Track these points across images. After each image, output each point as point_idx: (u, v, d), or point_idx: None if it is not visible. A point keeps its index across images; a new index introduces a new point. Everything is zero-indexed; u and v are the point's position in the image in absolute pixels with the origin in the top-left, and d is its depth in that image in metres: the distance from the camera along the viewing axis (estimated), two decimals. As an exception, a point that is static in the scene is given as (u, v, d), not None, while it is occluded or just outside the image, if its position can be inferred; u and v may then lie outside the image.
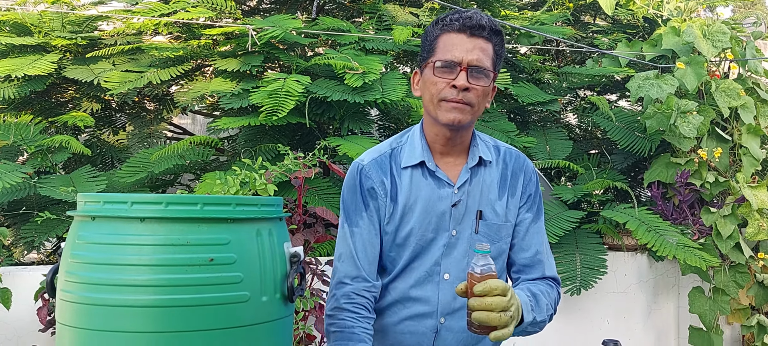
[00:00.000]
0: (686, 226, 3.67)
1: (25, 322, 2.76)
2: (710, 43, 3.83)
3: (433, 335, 1.49)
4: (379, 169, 1.50)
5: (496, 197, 1.51)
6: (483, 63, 1.41)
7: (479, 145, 1.52)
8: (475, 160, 1.50)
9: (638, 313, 3.76)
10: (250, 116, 3.24)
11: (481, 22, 1.42)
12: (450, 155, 1.51)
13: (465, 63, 1.40)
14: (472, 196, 1.49)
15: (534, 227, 1.54)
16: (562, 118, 4.75)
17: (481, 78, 1.42)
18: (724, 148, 3.83)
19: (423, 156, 1.49)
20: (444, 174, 1.49)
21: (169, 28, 3.88)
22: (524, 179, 1.55)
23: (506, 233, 1.51)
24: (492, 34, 1.43)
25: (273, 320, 1.23)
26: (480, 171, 1.51)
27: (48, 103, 3.85)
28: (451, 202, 1.48)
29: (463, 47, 1.41)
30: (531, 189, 1.55)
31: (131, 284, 1.11)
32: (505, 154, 1.56)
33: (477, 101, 1.43)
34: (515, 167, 1.55)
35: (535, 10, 4.95)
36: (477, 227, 1.48)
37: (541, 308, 1.42)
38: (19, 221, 3.37)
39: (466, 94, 1.41)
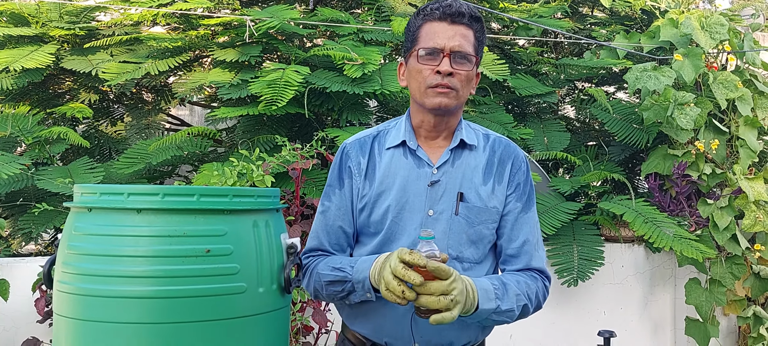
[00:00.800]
0: (683, 217, 3.68)
1: (23, 313, 2.76)
2: (708, 35, 3.83)
3: (410, 317, 1.50)
4: (359, 150, 1.56)
5: (481, 181, 1.52)
6: (465, 48, 1.46)
7: (463, 130, 1.55)
8: (456, 141, 1.53)
9: (635, 304, 3.78)
10: (249, 106, 3.24)
11: (461, 9, 1.47)
12: (435, 139, 1.55)
13: (448, 49, 1.45)
14: (453, 177, 1.51)
15: (523, 218, 1.54)
16: (559, 110, 4.75)
17: (464, 63, 1.47)
18: (722, 139, 3.83)
19: (405, 136, 1.54)
20: (424, 153, 1.53)
21: (167, 18, 3.87)
22: (513, 167, 1.56)
23: (488, 217, 1.51)
24: (472, 21, 1.48)
25: (269, 311, 1.24)
26: (463, 154, 1.54)
27: (45, 94, 3.84)
28: (428, 181, 1.50)
29: (445, 34, 1.46)
30: (520, 178, 1.56)
31: (128, 275, 1.12)
32: (495, 142, 1.58)
33: (461, 86, 1.48)
34: (504, 155, 1.56)
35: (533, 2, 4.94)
36: (457, 208, 1.50)
37: (510, 298, 1.42)
38: (16, 212, 3.37)
39: (450, 79, 1.46)
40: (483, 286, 1.39)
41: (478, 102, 3.96)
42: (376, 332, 1.52)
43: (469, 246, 1.50)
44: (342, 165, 1.57)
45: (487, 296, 1.38)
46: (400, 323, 1.50)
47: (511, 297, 1.43)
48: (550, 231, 3.39)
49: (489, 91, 4.04)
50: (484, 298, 1.38)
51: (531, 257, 1.54)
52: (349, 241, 1.55)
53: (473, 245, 1.50)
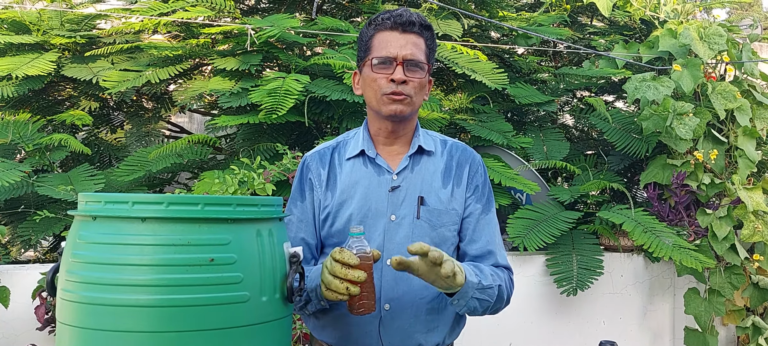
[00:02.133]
0: (682, 227, 3.69)
1: (23, 320, 2.76)
2: (707, 46, 3.85)
3: (377, 323, 1.51)
4: (319, 162, 1.60)
5: (440, 185, 1.56)
6: (417, 56, 1.50)
7: (420, 136, 1.59)
8: (414, 148, 1.57)
9: (634, 314, 3.78)
10: (249, 115, 3.25)
11: (411, 18, 1.51)
12: (393, 146, 1.58)
13: (400, 57, 1.49)
14: (413, 183, 1.55)
15: (484, 219, 1.58)
16: (559, 119, 4.77)
17: (416, 71, 1.50)
18: (720, 150, 3.85)
19: (363, 145, 1.57)
20: (384, 161, 1.56)
21: (168, 27, 3.88)
22: (470, 170, 1.59)
23: (449, 219, 1.54)
24: (423, 29, 1.52)
25: (272, 321, 1.24)
26: (421, 160, 1.58)
27: (46, 101, 3.85)
28: (389, 187, 1.53)
29: (396, 43, 1.50)
30: (478, 180, 1.60)
31: (132, 283, 1.12)
32: (451, 147, 1.63)
33: (414, 93, 1.51)
34: (461, 159, 1.60)
35: (532, 12, 4.97)
36: (418, 212, 1.52)
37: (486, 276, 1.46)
38: (16, 219, 3.37)
39: (404, 86, 1.50)
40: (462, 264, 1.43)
41: (478, 110, 3.97)
42: (343, 340, 1.54)
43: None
44: (303, 177, 1.60)
45: (469, 271, 1.42)
46: (367, 330, 1.51)
47: (487, 275, 1.47)
48: (549, 240, 3.40)
49: (488, 100, 4.05)
50: (469, 272, 1.41)
51: (496, 255, 1.57)
52: (313, 252, 1.58)
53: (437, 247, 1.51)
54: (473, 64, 3.68)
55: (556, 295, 3.50)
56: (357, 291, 1.30)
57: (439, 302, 1.53)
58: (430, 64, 1.55)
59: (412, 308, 1.51)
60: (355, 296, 1.32)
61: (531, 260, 3.53)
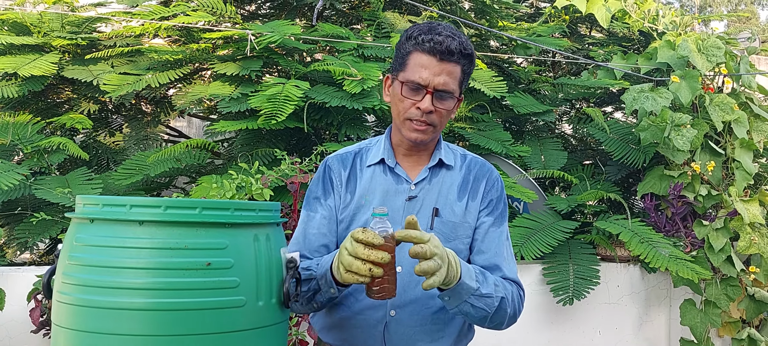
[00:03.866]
0: (679, 238, 3.70)
1: (17, 323, 2.75)
2: (705, 58, 3.87)
3: (382, 327, 1.51)
4: (340, 164, 1.60)
5: (456, 198, 1.56)
6: (449, 86, 1.47)
7: (442, 150, 1.59)
8: (434, 161, 1.57)
9: (630, 324, 3.78)
10: (248, 120, 3.25)
11: (451, 47, 1.45)
12: (412, 157, 1.59)
13: (431, 86, 1.46)
14: (430, 194, 1.55)
15: (494, 232, 1.56)
16: (557, 129, 4.78)
17: (445, 101, 1.48)
18: (717, 161, 3.86)
19: (384, 154, 1.57)
20: (403, 171, 1.57)
21: (169, 31, 3.89)
22: (486, 184, 1.59)
23: (463, 232, 1.54)
24: (461, 58, 1.48)
25: (268, 326, 1.24)
26: (440, 173, 1.58)
27: (45, 103, 3.85)
28: (406, 196, 1.54)
29: (431, 71, 1.46)
30: (493, 195, 1.59)
31: (128, 286, 1.12)
32: (471, 161, 1.63)
33: (439, 121, 1.51)
34: (479, 173, 1.60)
35: (531, 22, 4.99)
36: (432, 223, 1.53)
37: (489, 284, 1.44)
38: (12, 220, 3.36)
39: (429, 116, 1.48)
40: (467, 266, 1.41)
41: (476, 119, 3.98)
42: (347, 342, 1.54)
43: None
44: (325, 178, 1.60)
45: (469, 275, 1.40)
46: (371, 334, 1.51)
47: (489, 284, 1.44)
48: (546, 249, 3.40)
49: (487, 109, 4.06)
50: (467, 274, 1.39)
51: (503, 269, 1.54)
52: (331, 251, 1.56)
53: None
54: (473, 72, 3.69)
55: (553, 304, 3.50)
56: (380, 272, 1.26)
57: (445, 312, 1.53)
58: (462, 88, 1.53)
59: (417, 316, 1.51)
60: (376, 280, 1.27)
61: (528, 269, 3.53)
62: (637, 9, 4.51)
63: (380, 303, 1.50)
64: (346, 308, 1.53)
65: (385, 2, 4.19)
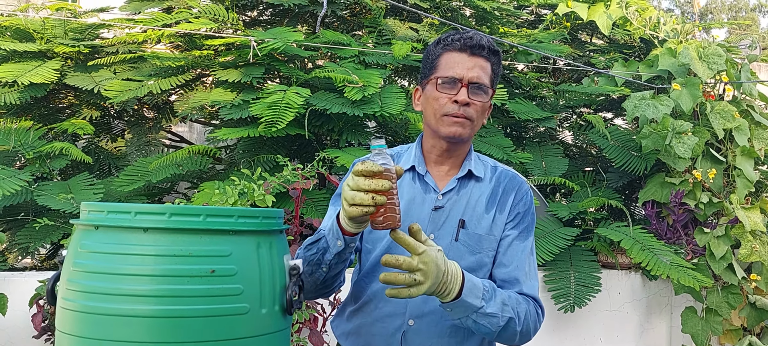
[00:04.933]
0: (680, 246, 3.70)
1: (19, 328, 2.75)
2: (706, 65, 3.88)
3: (399, 336, 1.50)
4: None
5: (483, 210, 1.55)
6: (482, 80, 1.50)
7: (472, 161, 1.59)
8: (464, 171, 1.56)
9: (631, 332, 3.78)
10: (250, 127, 3.26)
11: (481, 42, 1.50)
12: (443, 165, 1.58)
13: (466, 80, 1.49)
14: (457, 205, 1.54)
15: (517, 245, 1.55)
16: (558, 136, 4.78)
17: (480, 94, 1.50)
18: (719, 169, 3.86)
19: (415, 162, 1.57)
20: (432, 180, 1.56)
21: (171, 38, 3.90)
22: (515, 197, 1.58)
23: (489, 245, 1.53)
24: (491, 54, 1.52)
25: (271, 333, 1.24)
26: (469, 184, 1.57)
27: (47, 109, 3.86)
28: (433, 206, 1.53)
29: (464, 65, 1.50)
30: (520, 208, 1.58)
31: (133, 293, 1.12)
32: (501, 174, 1.61)
33: (476, 116, 1.52)
34: (508, 186, 1.59)
35: (532, 29, 5.00)
36: (457, 235, 1.52)
37: (496, 303, 1.41)
38: (14, 226, 3.37)
39: (466, 109, 1.49)
40: (473, 281, 1.39)
41: (478, 126, 3.98)
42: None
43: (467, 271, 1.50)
44: None
45: (473, 292, 1.38)
46: (389, 342, 1.51)
47: (497, 303, 1.42)
48: (547, 256, 3.40)
49: (488, 116, 4.07)
50: (471, 292, 1.38)
51: (522, 284, 1.52)
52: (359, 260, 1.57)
53: (472, 272, 1.50)
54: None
55: (554, 311, 3.49)
56: (383, 200, 1.26)
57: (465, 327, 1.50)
58: (494, 88, 1.55)
59: (436, 328, 1.51)
60: (380, 209, 1.28)
61: (529, 276, 3.53)
62: (638, 16, 4.52)
63: (399, 312, 1.50)
64: (366, 315, 1.53)
65: (386, 9, 4.21)
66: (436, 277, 1.32)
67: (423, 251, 1.30)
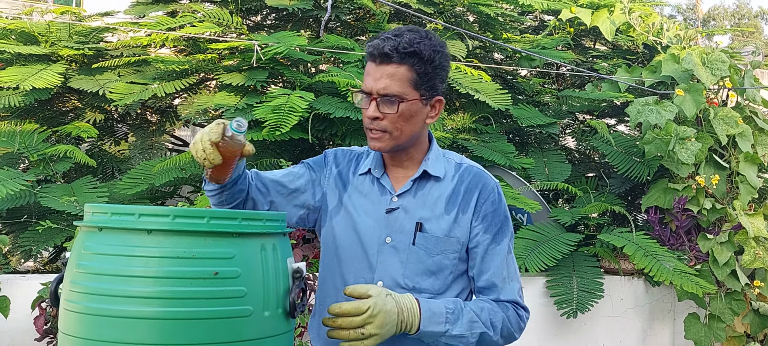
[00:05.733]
0: (683, 252, 3.69)
1: (21, 330, 2.75)
2: (709, 71, 3.88)
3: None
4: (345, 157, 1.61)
5: (443, 211, 1.50)
6: (391, 90, 1.41)
7: (430, 160, 1.53)
8: (418, 173, 1.52)
9: (633, 338, 3.77)
10: (253, 131, 3.26)
11: (384, 49, 1.40)
12: (401, 168, 1.54)
13: (375, 92, 1.43)
14: (414, 207, 1.50)
15: (493, 250, 1.50)
16: (560, 141, 4.78)
17: (391, 105, 1.42)
18: (722, 175, 3.86)
19: (372, 165, 1.55)
20: (389, 182, 1.53)
21: (175, 41, 3.91)
22: (480, 197, 1.51)
23: (449, 247, 1.49)
24: (404, 57, 1.41)
25: (274, 336, 1.24)
26: (427, 185, 1.52)
27: (51, 111, 3.87)
28: (387, 208, 1.50)
29: (372, 76, 1.43)
30: (488, 209, 1.51)
31: (136, 295, 1.12)
32: (464, 171, 1.55)
33: (393, 127, 1.44)
34: (471, 184, 1.52)
35: (536, 34, 5.00)
36: (415, 238, 1.48)
37: (462, 324, 1.41)
38: (17, 228, 3.37)
39: (378, 123, 1.43)
40: (433, 309, 1.39)
41: (480, 130, 3.99)
42: None
43: (428, 277, 1.48)
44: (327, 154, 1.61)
45: (434, 320, 1.38)
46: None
47: (463, 323, 1.41)
48: (550, 262, 3.39)
49: (491, 120, 4.07)
50: (430, 321, 1.38)
51: (500, 291, 1.50)
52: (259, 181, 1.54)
53: (432, 275, 1.49)
54: (477, 84, 3.71)
55: (556, 317, 3.49)
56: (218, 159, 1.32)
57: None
58: (423, 90, 1.44)
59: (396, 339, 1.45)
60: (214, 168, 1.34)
61: (532, 281, 3.53)
62: (641, 22, 4.53)
63: None
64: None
65: (389, 14, 4.22)
66: (390, 324, 1.32)
67: (367, 307, 1.30)
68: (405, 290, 1.46)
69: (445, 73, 1.50)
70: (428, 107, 1.49)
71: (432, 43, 1.45)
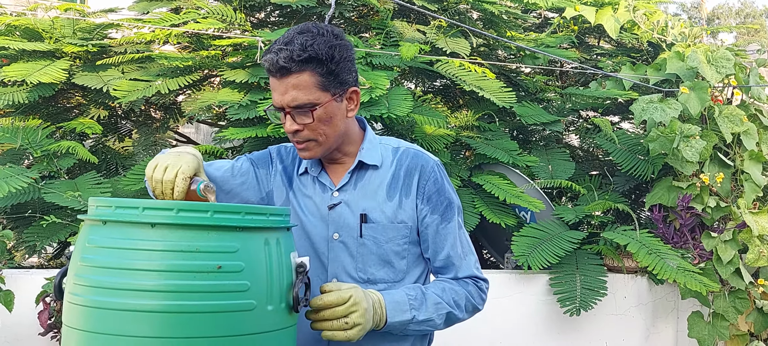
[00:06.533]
0: (687, 250, 3.68)
1: (25, 325, 2.77)
2: (714, 69, 3.87)
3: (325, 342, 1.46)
4: (288, 154, 1.59)
5: (385, 198, 1.49)
6: (300, 100, 1.38)
7: (365, 149, 1.52)
8: (354, 164, 1.51)
9: (637, 336, 3.76)
10: (257, 127, 3.26)
11: (278, 62, 1.36)
12: (339, 163, 1.53)
13: (285, 106, 1.40)
14: (355, 199, 1.50)
15: (444, 229, 1.51)
16: (564, 139, 4.77)
17: (305, 115, 1.40)
18: (726, 173, 3.85)
19: (308, 164, 1.54)
20: (328, 179, 1.52)
21: (179, 38, 3.92)
22: (421, 178, 1.50)
23: (397, 234, 1.48)
24: (303, 65, 1.36)
25: (277, 330, 1.24)
26: (365, 174, 1.51)
27: (55, 108, 3.88)
28: (329, 204, 1.50)
29: (277, 92, 1.40)
30: (430, 189, 1.50)
31: (140, 288, 1.13)
32: (402, 154, 1.54)
33: (316, 135, 1.42)
34: (411, 166, 1.52)
35: (540, 32, 4.99)
36: (361, 231, 1.48)
37: (428, 307, 1.43)
38: (21, 224, 3.38)
39: (300, 134, 1.42)
40: (395, 299, 1.40)
41: (484, 128, 3.98)
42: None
43: (382, 267, 1.49)
44: (270, 154, 1.59)
45: (399, 309, 1.40)
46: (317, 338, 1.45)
47: (429, 307, 1.44)
48: (553, 260, 3.39)
49: (494, 118, 4.07)
50: (396, 310, 1.39)
51: (457, 268, 1.52)
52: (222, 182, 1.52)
53: (386, 265, 1.49)
54: (481, 82, 3.70)
55: (559, 314, 3.48)
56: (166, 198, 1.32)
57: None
58: (334, 89, 1.40)
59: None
60: None
61: (534, 279, 3.52)
62: (646, 20, 4.51)
63: None
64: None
65: (393, 11, 4.21)
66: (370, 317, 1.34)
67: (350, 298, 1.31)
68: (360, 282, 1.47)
69: (351, 63, 1.46)
70: (345, 102, 1.46)
71: (326, 39, 1.40)
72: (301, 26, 1.42)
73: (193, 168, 1.31)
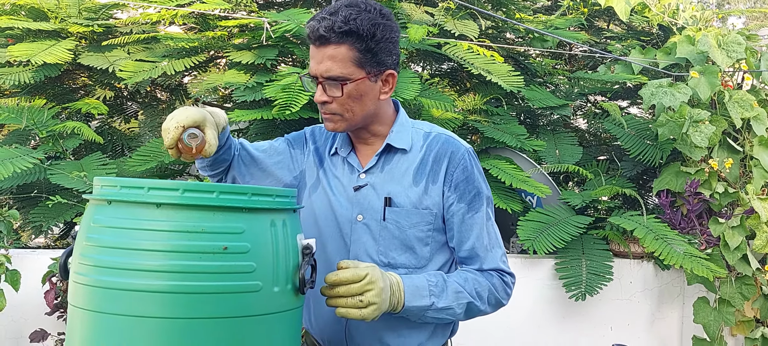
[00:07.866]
0: (694, 235, 3.66)
1: (31, 305, 2.78)
2: (725, 54, 3.82)
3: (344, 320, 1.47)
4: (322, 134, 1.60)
5: (411, 183, 1.48)
6: (333, 72, 1.38)
7: (394, 133, 1.50)
8: (382, 146, 1.50)
9: (642, 321, 3.75)
10: (263, 110, 3.25)
11: (319, 31, 1.37)
12: (368, 144, 1.52)
13: (319, 75, 1.40)
14: (381, 182, 1.48)
15: (470, 220, 1.48)
16: (572, 123, 4.74)
17: (336, 87, 1.39)
18: (735, 159, 3.81)
19: (338, 144, 1.54)
20: (356, 160, 1.52)
21: (185, 18, 3.89)
22: (449, 165, 1.48)
23: (421, 219, 1.46)
24: (343, 37, 1.36)
25: (283, 311, 1.24)
26: (394, 158, 1.50)
27: (60, 88, 3.87)
28: (355, 186, 1.49)
29: (314, 60, 1.41)
30: (459, 177, 1.48)
31: (145, 268, 1.12)
32: (433, 140, 1.51)
33: (343, 109, 1.42)
34: (440, 152, 1.49)
35: (549, 14, 4.94)
36: (384, 214, 1.46)
37: (448, 295, 1.41)
38: (27, 204, 3.39)
39: (328, 106, 1.42)
40: (415, 283, 1.39)
41: (491, 112, 3.95)
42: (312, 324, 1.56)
43: (404, 252, 1.47)
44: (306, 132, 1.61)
45: (418, 294, 1.38)
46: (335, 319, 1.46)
47: (449, 295, 1.41)
48: (559, 244, 3.38)
49: (502, 102, 4.04)
50: (414, 295, 1.38)
51: (482, 259, 1.49)
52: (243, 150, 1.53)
53: (408, 250, 1.47)
54: (489, 65, 3.67)
55: (565, 299, 3.48)
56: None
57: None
58: (368, 68, 1.40)
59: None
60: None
61: (540, 263, 3.52)
62: (657, 3, 4.46)
63: None
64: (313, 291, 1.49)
65: (401, -8, 4.17)
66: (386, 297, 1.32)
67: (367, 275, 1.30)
68: (381, 266, 1.45)
69: (393, 45, 1.44)
70: (379, 83, 1.45)
71: (371, 16, 1.39)
72: (342, 3, 1.42)
73: (192, 120, 1.29)
